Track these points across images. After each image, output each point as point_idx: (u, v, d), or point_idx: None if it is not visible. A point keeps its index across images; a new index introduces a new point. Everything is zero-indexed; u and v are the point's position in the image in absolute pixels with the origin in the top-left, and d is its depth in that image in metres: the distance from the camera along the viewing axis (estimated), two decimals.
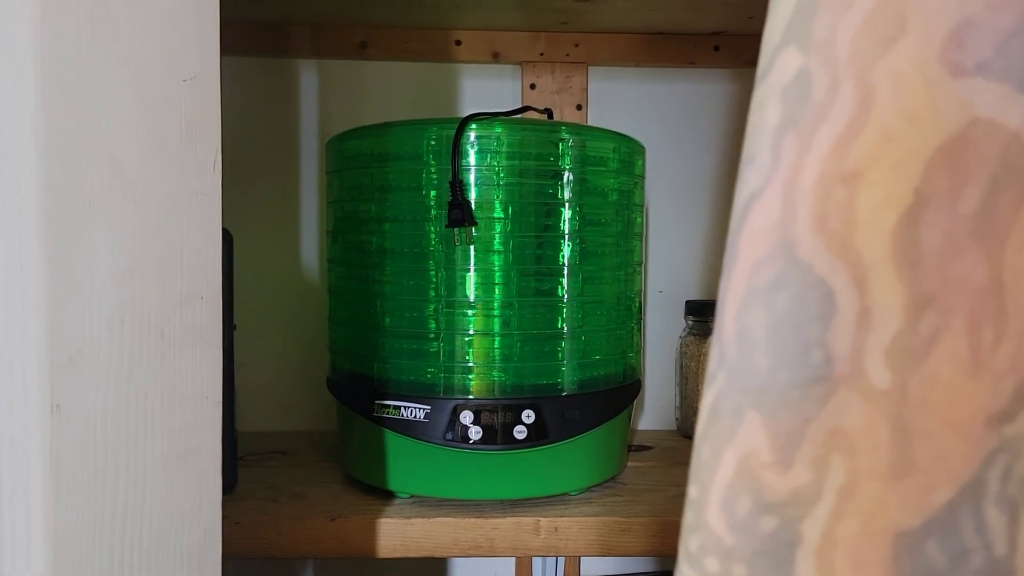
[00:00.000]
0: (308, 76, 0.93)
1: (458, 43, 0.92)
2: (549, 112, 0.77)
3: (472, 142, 0.65)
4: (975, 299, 0.22)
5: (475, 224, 0.64)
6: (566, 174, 0.67)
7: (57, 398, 0.30)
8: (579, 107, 0.93)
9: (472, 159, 0.65)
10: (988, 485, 0.22)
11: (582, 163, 0.68)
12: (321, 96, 0.93)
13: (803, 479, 0.23)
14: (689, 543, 0.25)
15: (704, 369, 0.90)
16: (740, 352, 0.24)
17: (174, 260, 0.35)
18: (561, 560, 0.94)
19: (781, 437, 0.23)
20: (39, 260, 0.30)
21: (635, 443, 0.90)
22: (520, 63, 0.93)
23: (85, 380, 0.31)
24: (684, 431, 0.93)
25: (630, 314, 0.74)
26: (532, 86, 0.93)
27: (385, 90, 0.93)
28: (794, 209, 0.22)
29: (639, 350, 0.77)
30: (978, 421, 0.22)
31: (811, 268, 0.22)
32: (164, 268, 0.34)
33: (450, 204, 0.63)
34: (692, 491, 0.26)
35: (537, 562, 0.95)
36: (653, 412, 0.98)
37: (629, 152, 0.72)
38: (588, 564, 0.96)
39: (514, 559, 0.95)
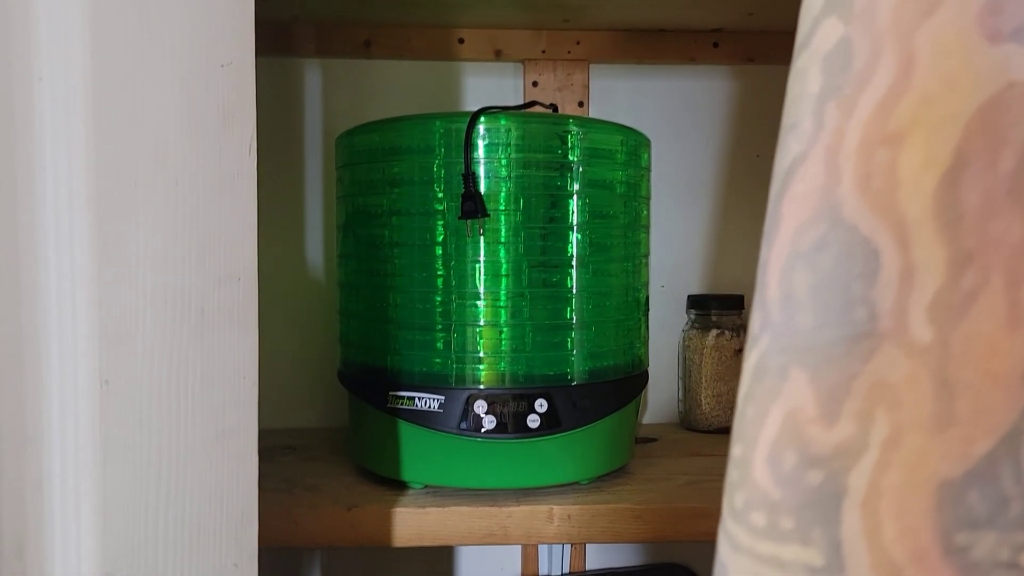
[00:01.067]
0: (312, 75, 0.93)
1: (461, 41, 0.93)
2: (554, 107, 0.78)
3: (482, 135, 0.66)
4: (1012, 256, 0.23)
5: (487, 216, 0.65)
6: (574, 166, 0.68)
7: (106, 373, 0.31)
8: (581, 104, 0.94)
9: (481, 152, 0.66)
10: None
11: (590, 155, 0.69)
12: (325, 95, 0.93)
13: (848, 432, 0.24)
14: (734, 499, 0.26)
15: (706, 362, 0.91)
16: (784, 313, 0.25)
17: (213, 242, 0.36)
18: (567, 552, 0.95)
19: (826, 393, 0.24)
20: (89, 240, 0.31)
21: (640, 435, 0.91)
22: (522, 61, 0.94)
23: (132, 356, 0.32)
24: (687, 424, 0.94)
25: (638, 305, 0.75)
26: (534, 83, 0.94)
27: (389, 88, 0.94)
28: (837, 172, 0.23)
29: (646, 341, 0.78)
30: (1016, 374, 0.23)
31: (855, 228, 0.23)
32: (204, 249, 0.35)
33: (463, 196, 0.64)
34: (736, 450, 0.26)
35: (543, 554, 0.95)
36: (656, 406, 0.99)
37: (636, 145, 0.73)
38: (592, 556, 0.97)
39: (520, 552, 0.96)
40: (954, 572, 0.23)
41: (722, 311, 0.92)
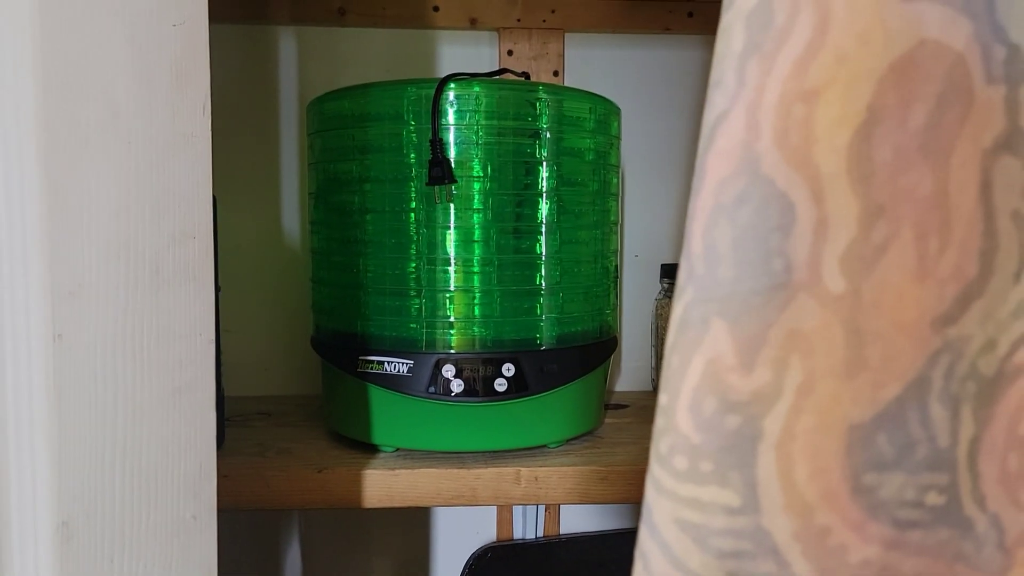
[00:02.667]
0: (287, 43, 0.93)
1: (436, 9, 0.92)
2: (526, 75, 0.78)
3: (451, 101, 0.66)
4: (922, 210, 0.24)
5: (455, 182, 0.66)
6: (544, 133, 0.68)
7: (59, 328, 0.32)
8: (555, 73, 0.94)
9: (451, 118, 0.66)
10: (932, 382, 0.24)
11: (559, 123, 0.69)
12: (300, 63, 0.93)
13: (764, 379, 0.25)
14: (660, 445, 0.27)
15: None
16: (707, 266, 0.25)
17: (167, 200, 0.36)
18: (541, 516, 0.97)
19: (744, 341, 0.25)
20: (40, 193, 0.31)
21: (612, 403, 0.92)
22: (497, 29, 0.94)
23: (85, 312, 0.33)
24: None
25: (607, 273, 0.76)
26: (509, 52, 0.94)
27: (363, 57, 0.94)
28: (757, 128, 0.24)
29: (615, 308, 0.79)
30: (924, 323, 0.24)
31: (773, 182, 0.24)
32: (158, 207, 0.36)
33: (430, 162, 0.65)
34: (662, 399, 0.27)
35: (518, 518, 0.97)
36: (629, 373, 1.01)
37: (605, 113, 0.73)
38: (567, 521, 0.98)
39: (495, 516, 0.97)
40: (862, 511, 0.24)
41: None
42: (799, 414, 0.24)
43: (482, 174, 0.67)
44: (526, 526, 0.97)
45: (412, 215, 0.67)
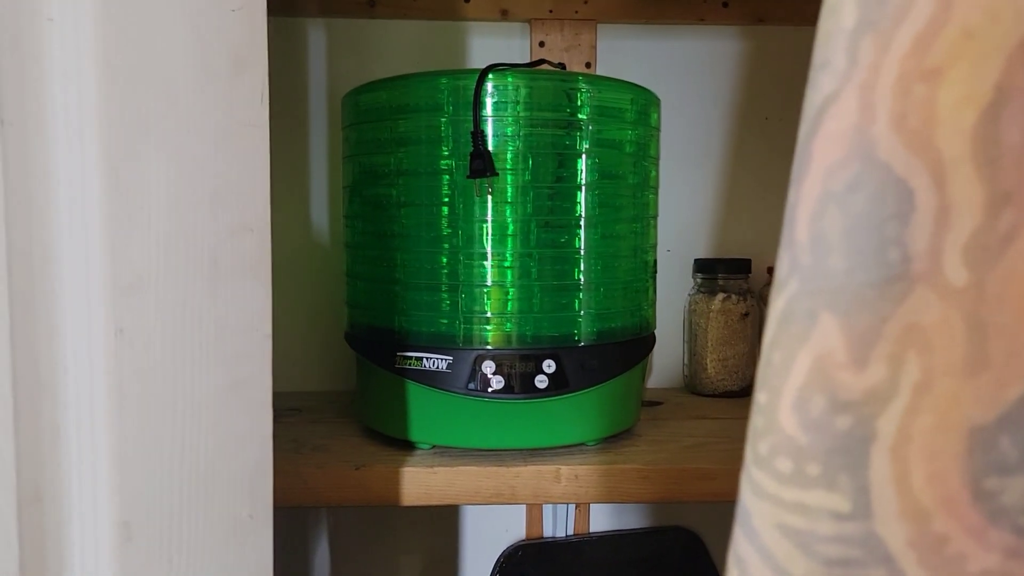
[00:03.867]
0: (316, 35, 0.92)
1: (466, 0, 0.91)
2: (562, 66, 0.76)
3: (490, 92, 0.65)
4: None
5: (496, 175, 0.64)
6: (583, 125, 0.67)
7: (120, 322, 0.31)
8: (588, 64, 0.93)
9: (489, 110, 0.65)
10: None
11: (599, 114, 0.68)
12: (330, 55, 0.92)
13: (879, 377, 0.23)
14: (759, 446, 0.26)
15: (712, 326, 0.91)
16: (814, 256, 0.24)
17: (225, 191, 0.35)
18: (571, 514, 0.96)
19: (856, 336, 0.23)
20: (100, 183, 0.30)
21: (645, 399, 0.91)
22: (528, 20, 0.92)
23: (145, 305, 0.32)
24: (692, 388, 0.94)
25: (645, 267, 0.75)
26: (541, 44, 0.92)
27: (393, 49, 0.92)
28: (872, 110, 0.23)
29: (653, 304, 0.78)
30: None
31: (890, 167, 0.23)
32: (216, 198, 0.35)
33: (471, 155, 0.63)
34: (761, 397, 0.26)
35: (548, 516, 0.96)
36: (661, 370, 0.99)
37: (645, 103, 0.72)
38: (597, 520, 0.97)
39: (525, 514, 0.96)
40: (983, 517, 0.23)
41: (728, 275, 0.92)
42: (916, 414, 0.23)
43: (520, 166, 0.66)
44: (556, 524, 0.96)
45: (448, 208, 0.66)
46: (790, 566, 0.25)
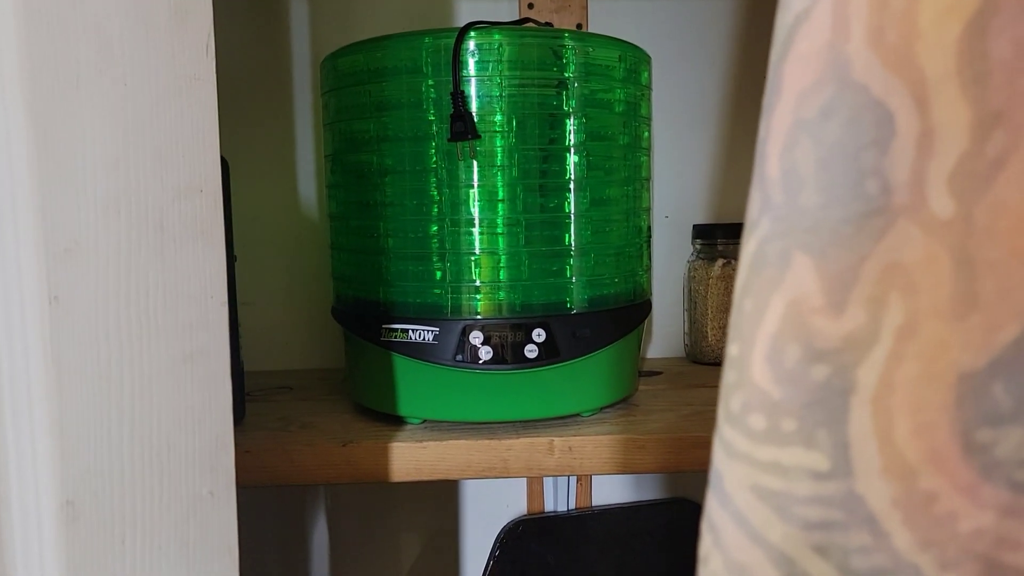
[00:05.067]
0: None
1: None
2: (549, 25, 0.74)
3: (472, 51, 0.62)
4: None
5: (478, 137, 0.62)
6: (570, 84, 0.65)
7: (55, 289, 0.29)
8: (579, 26, 0.90)
9: (472, 70, 0.63)
10: None
11: (586, 72, 0.65)
12: (312, 20, 0.89)
13: (858, 321, 0.21)
14: (731, 402, 0.24)
15: (712, 293, 0.89)
16: (786, 192, 0.22)
17: (170, 149, 0.33)
18: (573, 488, 0.94)
19: (833, 278, 0.21)
20: (27, 140, 0.28)
21: (645, 369, 0.89)
22: None
23: (83, 272, 0.30)
24: (693, 356, 0.92)
25: (639, 232, 0.72)
26: (530, 5, 0.90)
27: (378, 12, 0.90)
28: (846, 25, 0.21)
29: (648, 270, 0.76)
30: None
31: (866, 89, 0.20)
32: (159, 157, 0.32)
33: (452, 117, 0.61)
34: (732, 349, 0.24)
35: (549, 490, 0.94)
36: (662, 339, 0.97)
37: (635, 61, 0.69)
38: (599, 492, 0.96)
39: (526, 488, 0.95)
40: (975, 472, 0.21)
41: (728, 240, 0.89)
42: (899, 361, 0.21)
43: (506, 128, 0.63)
44: (557, 498, 0.94)
45: (433, 175, 0.64)
46: (767, 531, 0.23)
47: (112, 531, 0.31)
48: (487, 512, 0.96)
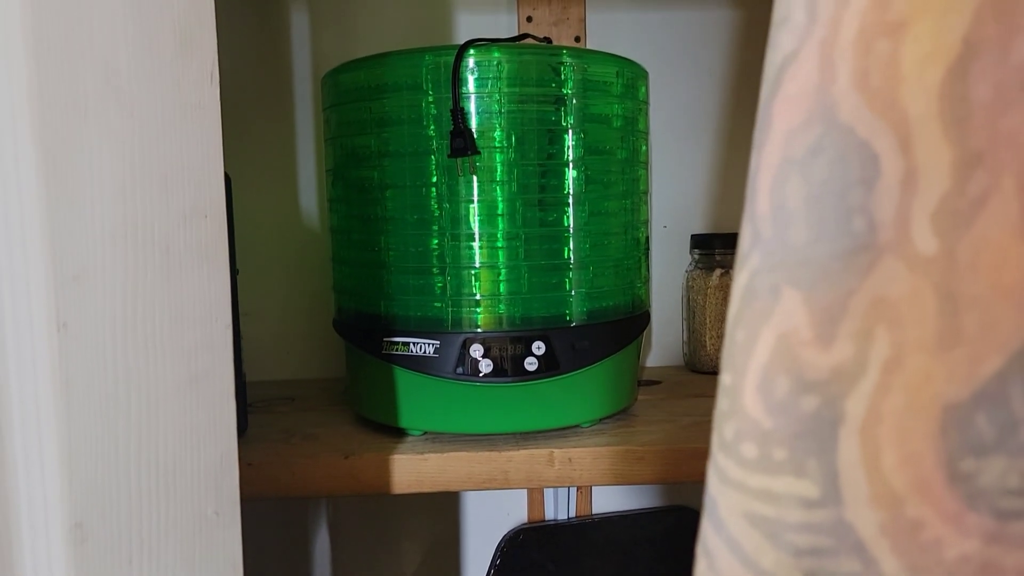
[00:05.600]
0: (299, 14, 0.90)
1: None
2: (548, 40, 0.74)
3: (472, 68, 0.63)
4: None
5: (478, 153, 0.63)
6: (569, 100, 0.65)
7: (64, 316, 0.29)
8: (577, 39, 0.91)
9: (472, 86, 0.63)
10: None
11: (584, 88, 0.66)
12: (313, 34, 0.90)
13: (846, 354, 0.22)
14: (724, 431, 0.24)
15: (710, 303, 0.89)
16: (776, 228, 0.23)
17: (175, 175, 0.34)
18: (573, 497, 0.95)
19: (822, 312, 0.22)
20: (36, 169, 0.29)
21: (643, 379, 0.89)
22: None
23: (91, 298, 0.30)
24: (692, 366, 0.93)
25: (637, 244, 0.73)
26: (528, 19, 0.90)
27: (378, 27, 0.91)
28: (833, 69, 0.21)
29: (647, 281, 0.77)
30: None
31: (852, 130, 0.21)
32: (165, 184, 0.33)
33: (452, 133, 0.62)
34: (725, 378, 0.25)
35: (549, 499, 0.95)
36: (661, 349, 0.98)
37: (632, 76, 0.70)
38: (599, 501, 0.96)
39: (526, 497, 0.95)
40: (959, 500, 0.22)
41: (726, 250, 0.90)
42: (886, 393, 0.22)
43: (505, 144, 0.64)
44: (558, 507, 0.95)
45: (433, 189, 0.65)
46: (759, 557, 0.23)
47: (119, 552, 0.32)
48: (488, 520, 0.97)
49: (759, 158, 0.23)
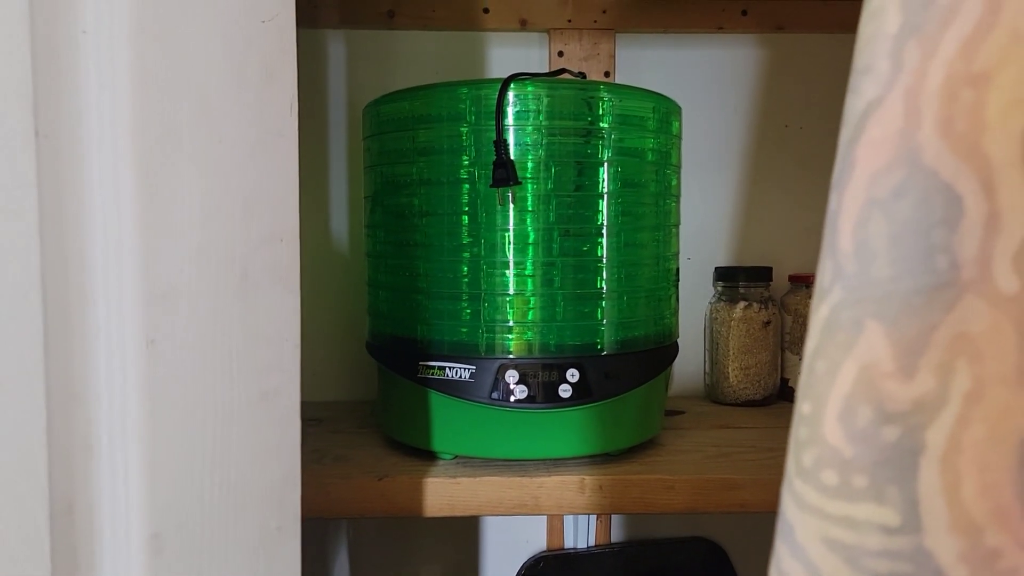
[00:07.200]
0: (336, 46, 0.92)
1: (486, 11, 0.91)
2: (583, 75, 0.76)
3: (511, 102, 0.65)
4: None
5: (519, 183, 0.64)
6: (604, 134, 0.67)
7: (153, 332, 0.31)
8: (607, 74, 0.93)
9: (511, 119, 0.65)
10: None
11: (620, 123, 0.68)
12: (349, 66, 0.92)
13: (927, 386, 0.23)
14: (802, 458, 0.25)
15: (734, 335, 0.90)
16: (859, 264, 0.24)
17: (256, 201, 0.35)
18: (592, 524, 0.95)
19: (904, 345, 0.23)
20: (133, 195, 0.30)
21: (667, 408, 0.90)
22: (547, 30, 0.92)
23: (177, 315, 0.32)
24: (713, 396, 0.93)
25: (668, 275, 0.74)
26: (560, 53, 0.92)
27: (413, 59, 0.93)
28: (918, 115, 0.22)
29: (676, 312, 0.78)
30: None
31: (936, 173, 0.22)
32: (247, 208, 0.34)
33: (494, 164, 0.63)
34: (804, 407, 0.26)
35: (569, 526, 0.95)
36: (682, 379, 0.99)
37: (666, 112, 0.71)
38: (617, 530, 0.96)
39: (545, 525, 0.96)
40: None
41: (750, 283, 0.91)
42: (967, 424, 0.23)
43: (542, 175, 0.65)
44: (577, 534, 0.95)
45: (469, 217, 0.66)
46: None
47: (191, 563, 0.33)
48: (507, 547, 0.97)
49: (840, 198, 0.24)
